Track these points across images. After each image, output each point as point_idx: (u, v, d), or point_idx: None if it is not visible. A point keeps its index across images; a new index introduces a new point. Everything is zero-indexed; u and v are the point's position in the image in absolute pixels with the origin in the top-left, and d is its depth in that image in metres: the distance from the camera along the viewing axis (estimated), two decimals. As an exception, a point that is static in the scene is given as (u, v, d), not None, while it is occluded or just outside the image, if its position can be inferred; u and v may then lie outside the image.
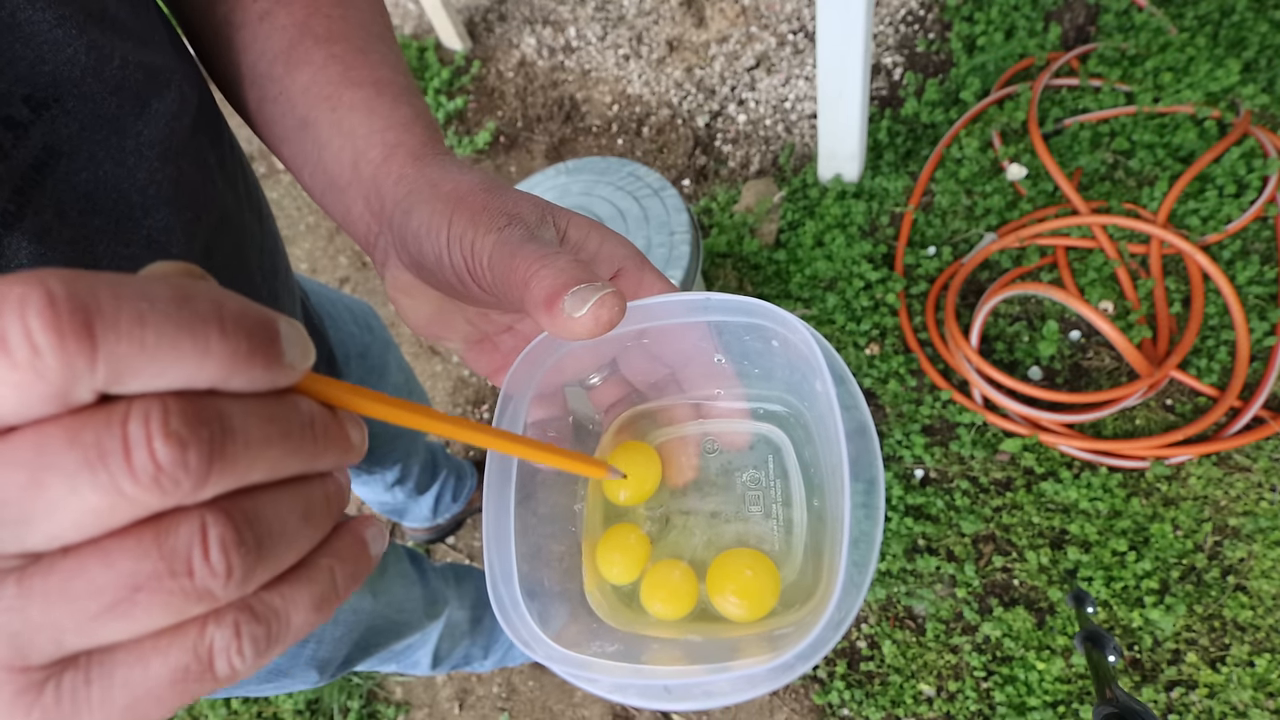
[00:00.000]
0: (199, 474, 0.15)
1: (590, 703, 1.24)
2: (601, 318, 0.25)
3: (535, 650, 0.27)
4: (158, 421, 0.14)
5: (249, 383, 0.16)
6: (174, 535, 0.15)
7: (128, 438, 0.14)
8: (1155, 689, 1.05)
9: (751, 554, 0.31)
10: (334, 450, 0.18)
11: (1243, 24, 1.37)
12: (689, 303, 0.29)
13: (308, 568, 0.18)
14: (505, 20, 1.85)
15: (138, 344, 0.14)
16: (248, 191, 0.46)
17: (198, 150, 0.38)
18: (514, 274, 0.26)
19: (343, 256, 1.73)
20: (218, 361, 0.15)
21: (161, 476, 0.14)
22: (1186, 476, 1.13)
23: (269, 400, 0.17)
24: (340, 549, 0.19)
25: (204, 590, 0.15)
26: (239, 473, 0.15)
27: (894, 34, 1.58)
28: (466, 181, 0.30)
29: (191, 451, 0.14)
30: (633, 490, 0.34)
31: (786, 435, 0.34)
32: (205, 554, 0.15)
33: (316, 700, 1.32)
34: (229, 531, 0.15)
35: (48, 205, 0.30)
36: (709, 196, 1.52)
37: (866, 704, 1.12)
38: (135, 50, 0.33)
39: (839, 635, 0.24)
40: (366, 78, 0.35)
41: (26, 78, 0.29)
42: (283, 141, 0.37)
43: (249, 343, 0.15)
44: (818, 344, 0.27)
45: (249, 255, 0.45)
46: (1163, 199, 1.26)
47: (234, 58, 0.38)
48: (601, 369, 0.34)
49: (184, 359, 0.14)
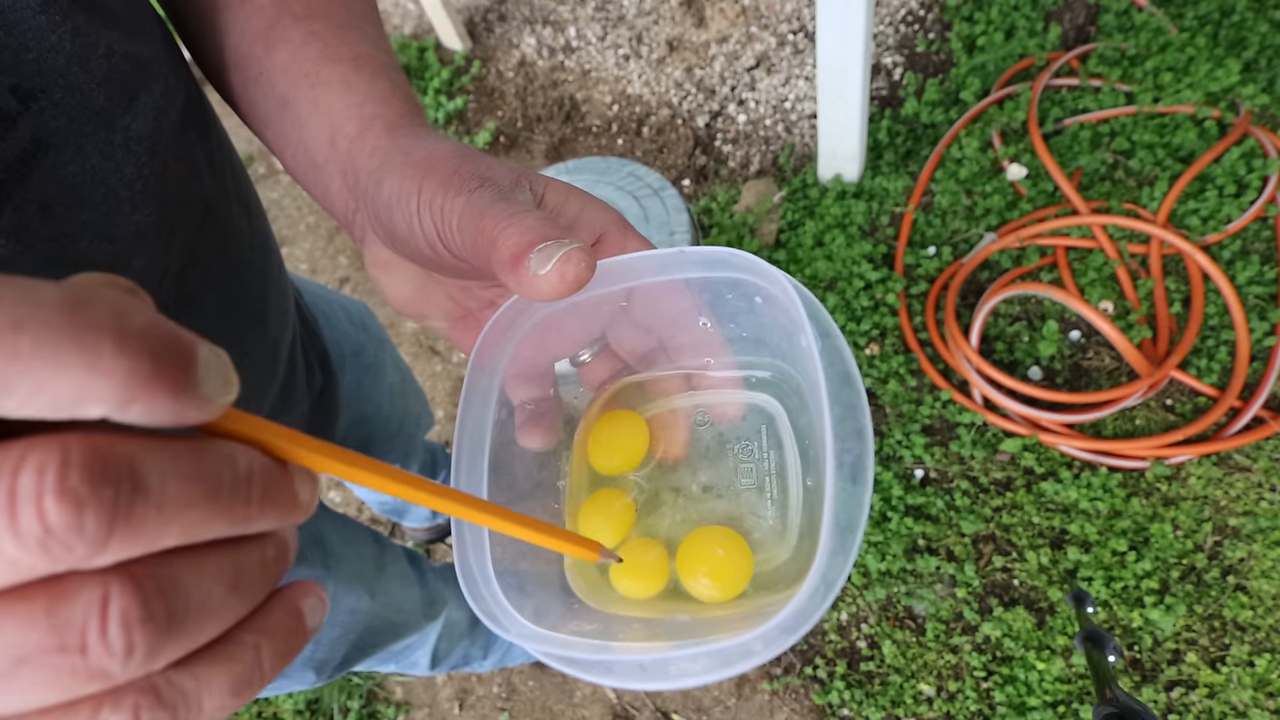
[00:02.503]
0: (95, 541, 0.13)
1: (590, 702, 1.24)
2: (568, 275, 0.23)
3: (507, 629, 0.26)
4: (53, 475, 0.12)
5: (149, 412, 0.13)
6: (68, 604, 0.13)
7: (15, 492, 0.12)
8: (1155, 689, 1.05)
9: (723, 532, 0.30)
10: (274, 511, 0.16)
11: (1243, 24, 1.37)
12: (664, 257, 0.28)
13: (229, 644, 0.16)
14: (505, 20, 1.85)
15: (10, 352, 0.12)
16: (236, 187, 0.45)
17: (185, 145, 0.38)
18: (481, 234, 0.25)
19: (343, 256, 1.73)
20: (109, 381, 0.13)
21: (50, 541, 0.12)
22: (1186, 476, 1.13)
23: (195, 451, 0.15)
24: (270, 623, 0.17)
25: (97, 670, 0.13)
26: (146, 539, 0.13)
27: (894, 34, 1.58)
28: (440, 149, 0.29)
29: (89, 514, 0.13)
30: (619, 458, 0.32)
31: (780, 404, 0.33)
32: (103, 629, 0.13)
33: (316, 700, 1.32)
34: (133, 604, 0.13)
35: (30, 200, 0.30)
36: (709, 196, 1.52)
37: (866, 704, 1.12)
38: (122, 40, 0.33)
39: (824, 606, 0.23)
40: (345, 54, 0.35)
41: (12, 66, 0.28)
42: (266, 124, 0.37)
43: (152, 363, 0.13)
44: (799, 296, 0.26)
45: (237, 250, 0.44)
46: (1163, 199, 1.26)
47: (217, 41, 0.38)
48: (591, 344, 0.33)
49: (66, 373, 0.12)
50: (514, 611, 0.26)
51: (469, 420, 0.30)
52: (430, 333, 1.58)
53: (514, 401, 0.32)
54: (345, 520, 0.74)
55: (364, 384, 0.76)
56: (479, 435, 0.30)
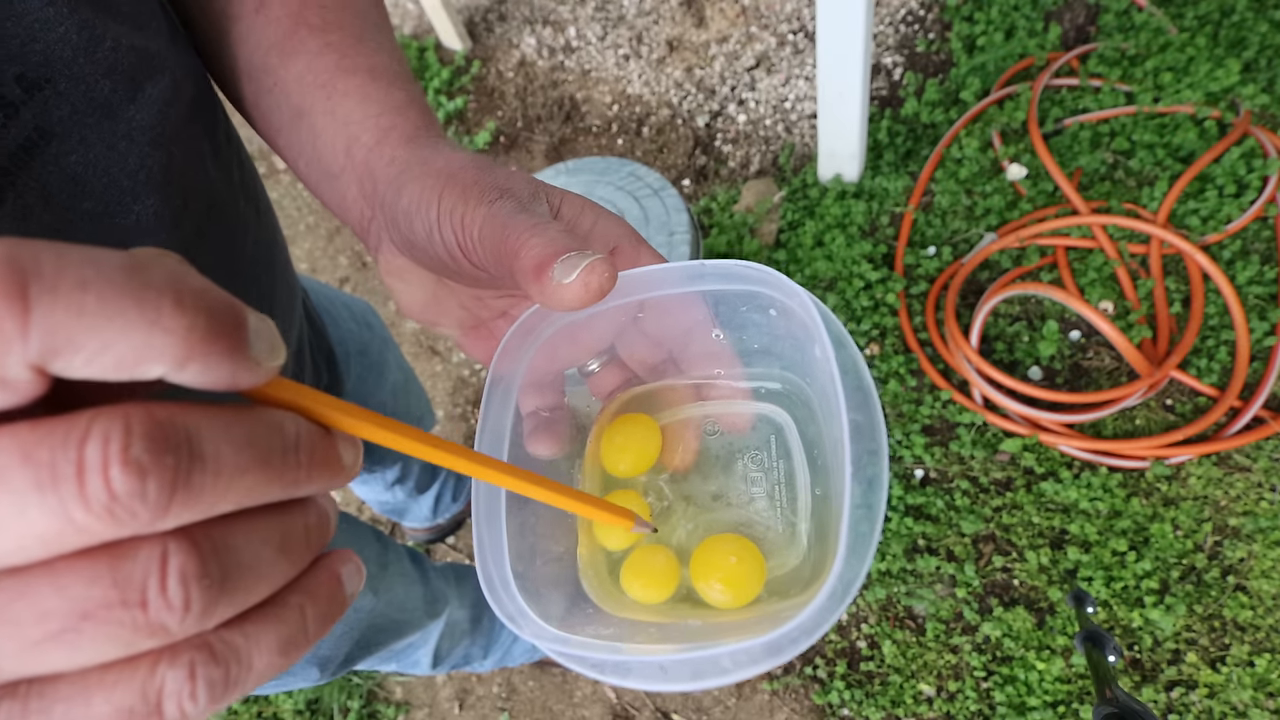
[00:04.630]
0: (158, 507, 0.13)
1: (590, 702, 1.24)
2: (591, 284, 0.24)
3: (523, 628, 0.26)
4: (117, 445, 0.13)
5: (207, 372, 0.14)
6: (130, 562, 0.14)
7: (83, 461, 0.13)
8: (1155, 689, 1.05)
9: (736, 539, 0.31)
10: (322, 475, 0.17)
11: (1243, 24, 1.37)
12: (684, 270, 0.28)
13: (277, 605, 0.17)
14: (505, 20, 1.85)
15: (76, 309, 0.12)
16: (243, 181, 0.45)
17: (191, 138, 0.38)
18: (504, 244, 0.26)
19: (343, 256, 1.73)
20: (169, 338, 0.13)
21: (116, 507, 0.13)
22: (1186, 476, 1.13)
23: (245, 419, 0.15)
24: (314, 587, 0.17)
25: (157, 624, 0.14)
26: (205, 504, 0.14)
27: (894, 34, 1.58)
28: (458, 159, 0.29)
29: (152, 482, 0.13)
30: (631, 461, 0.33)
31: (789, 414, 0.33)
32: (163, 585, 0.14)
33: (316, 700, 1.32)
34: (191, 562, 0.14)
35: (32, 188, 0.30)
36: (709, 196, 1.52)
37: (866, 704, 1.12)
38: (129, 34, 0.33)
39: (843, 607, 0.23)
40: (361, 65, 0.35)
41: (18, 56, 0.29)
42: (279, 133, 0.37)
43: (208, 321, 0.14)
44: (816, 308, 0.26)
45: (243, 245, 0.44)
46: (1163, 199, 1.26)
47: (231, 51, 0.38)
48: (600, 355, 0.34)
49: (130, 331, 0.13)
50: (532, 613, 0.27)
51: (488, 429, 0.30)
52: (430, 333, 1.58)
53: (523, 410, 0.32)
54: (348, 518, 0.74)
55: (368, 382, 0.76)
56: (497, 444, 0.30)
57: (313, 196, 1.78)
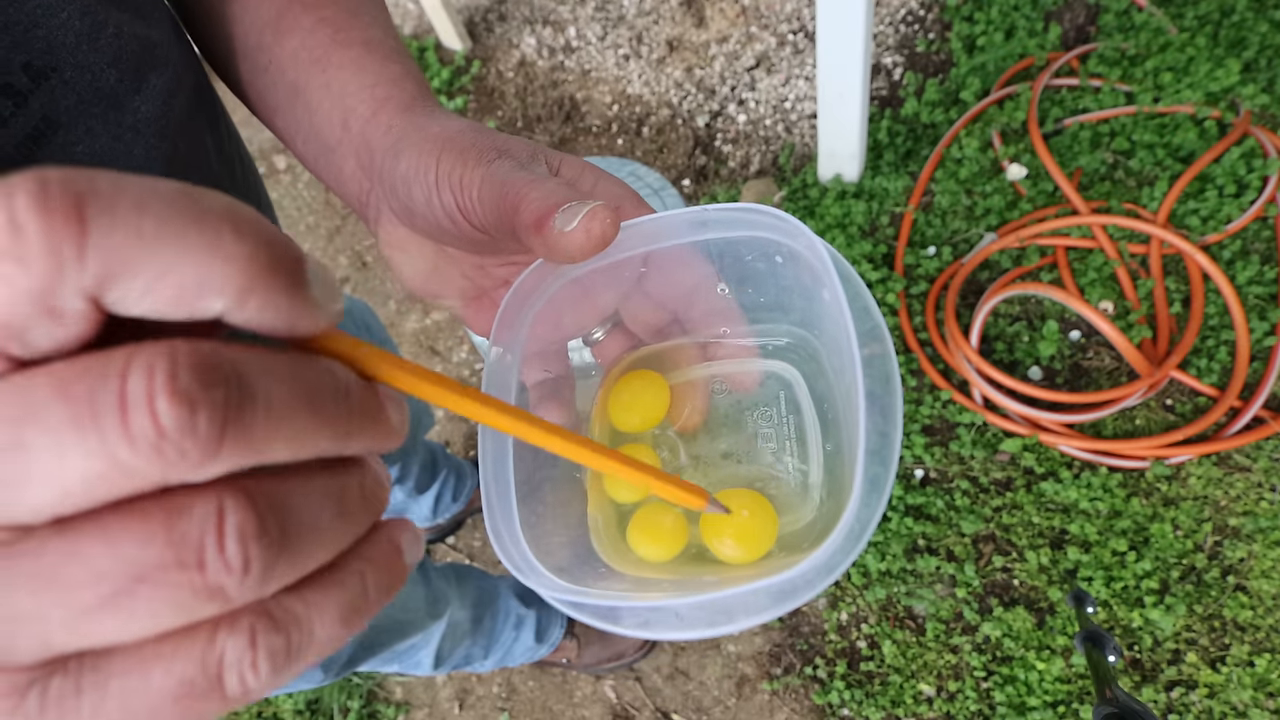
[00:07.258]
0: (209, 443, 0.12)
1: (590, 702, 1.24)
2: (594, 231, 0.24)
3: (529, 578, 0.26)
4: (163, 375, 0.12)
5: (266, 310, 0.13)
6: (185, 518, 0.13)
7: (126, 393, 0.12)
8: (1155, 689, 1.05)
9: (749, 494, 0.30)
10: (370, 431, 0.16)
11: (1243, 24, 1.37)
12: (688, 217, 0.28)
13: (337, 571, 0.15)
14: (505, 20, 1.85)
15: (134, 232, 0.12)
16: (245, 178, 0.45)
17: (195, 131, 0.38)
18: (504, 201, 0.25)
19: (342, 257, 1.73)
20: (231, 266, 0.12)
21: (164, 444, 0.12)
22: (1186, 476, 1.13)
23: (295, 358, 0.14)
24: (374, 554, 0.16)
25: (216, 587, 0.13)
26: (257, 445, 0.13)
27: (894, 34, 1.58)
28: (455, 125, 0.29)
29: (202, 415, 0.12)
30: (640, 414, 0.32)
31: (797, 370, 0.33)
32: (220, 544, 0.13)
33: (316, 700, 1.32)
34: (249, 519, 0.13)
35: None
36: (709, 196, 1.52)
37: (866, 704, 1.12)
38: (130, 21, 0.33)
39: (859, 547, 0.23)
40: (356, 38, 0.35)
41: (23, 44, 0.29)
42: (276, 112, 0.37)
43: (269, 251, 0.13)
44: (824, 249, 0.25)
45: None
46: (1163, 199, 1.26)
47: (225, 31, 0.38)
48: (604, 322, 0.33)
49: (190, 256, 0.12)
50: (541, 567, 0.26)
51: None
52: (430, 333, 1.59)
53: (528, 382, 0.32)
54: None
55: None
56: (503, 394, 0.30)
57: (312, 196, 1.78)
